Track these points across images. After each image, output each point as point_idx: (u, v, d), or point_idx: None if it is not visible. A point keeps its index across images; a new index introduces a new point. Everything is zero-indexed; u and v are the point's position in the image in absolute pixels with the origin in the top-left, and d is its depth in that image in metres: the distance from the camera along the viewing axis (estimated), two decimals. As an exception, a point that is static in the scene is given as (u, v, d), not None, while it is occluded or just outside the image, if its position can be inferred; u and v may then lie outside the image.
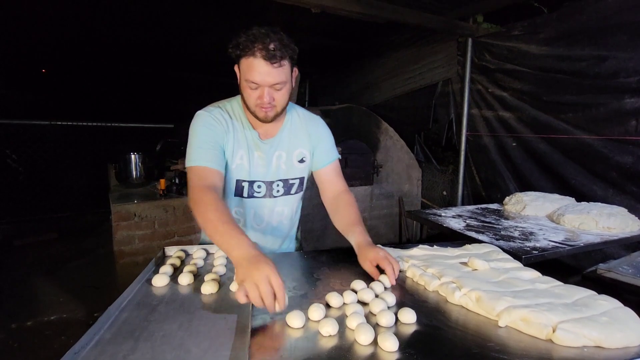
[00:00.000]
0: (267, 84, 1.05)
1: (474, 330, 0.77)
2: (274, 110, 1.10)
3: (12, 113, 4.50)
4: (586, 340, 0.70)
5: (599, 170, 2.35)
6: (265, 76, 1.03)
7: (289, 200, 1.30)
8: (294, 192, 1.30)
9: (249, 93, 1.08)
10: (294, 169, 1.27)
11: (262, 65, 1.01)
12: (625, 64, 2.17)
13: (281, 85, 1.07)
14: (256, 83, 1.04)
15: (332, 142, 1.34)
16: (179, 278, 0.96)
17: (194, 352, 0.68)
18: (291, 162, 1.26)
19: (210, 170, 1.10)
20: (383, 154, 3.96)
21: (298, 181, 1.30)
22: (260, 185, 1.24)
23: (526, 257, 1.28)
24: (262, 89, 1.06)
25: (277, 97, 1.08)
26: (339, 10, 2.56)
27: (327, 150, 1.31)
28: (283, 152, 1.25)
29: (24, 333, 2.38)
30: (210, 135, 1.14)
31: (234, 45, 1.04)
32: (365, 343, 0.70)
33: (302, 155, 1.28)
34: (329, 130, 1.35)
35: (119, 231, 2.61)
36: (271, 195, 1.26)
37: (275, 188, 1.26)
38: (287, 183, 1.27)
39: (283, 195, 1.28)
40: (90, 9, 3.11)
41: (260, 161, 1.22)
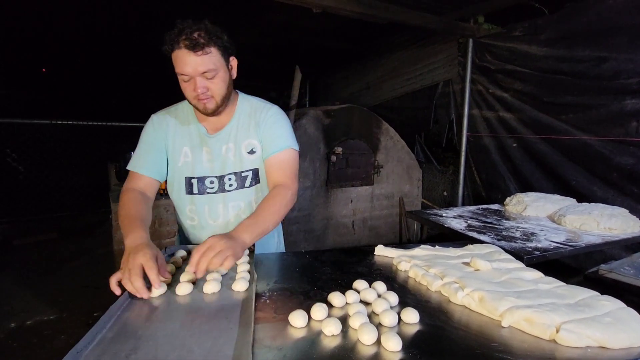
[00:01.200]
0: (197, 73, 1.05)
1: (477, 331, 0.76)
2: (213, 101, 1.11)
3: (12, 112, 4.50)
4: (589, 341, 0.70)
5: (600, 171, 2.35)
6: (192, 65, 1.04)
7: (244, 193, 1.25)
8: (249, 184, 1.25)
9: (185, 87, 1.10)
10: (245, 161, 1.23)
11: (187, 55, 1.03)
12: (626, 65, 2.17)
13: (212, 73, 1.07)
14: (186, 74, 1.06)
15: (284, 131, 1.23)
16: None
17: (197, 351, 0.67)
18: (240, 154, 1.23)
19: (136, 174, 1.20)
20: (383, 154, 3.96)
21: (251, 173, 1.24)
22: (213, 181, 1.23)
23: (528, 257, 1.28)
24: (194, 80, 1.07)
25: (212, 87, 1.09)
26: (340, 11, 2.56)
27: (273, 140, 1.21)
28: (231, 144, 1.22)
29: (24, 332, 2.38)
30: (149, 140, 1.22)
31: (163, 42, 1.06)
32: (368, 343, 0.70)
33: (251, 146, 1.23)
34: (283, 117, 1.26)
35: (119, 230, 2.59)
36: (224, 189, 1.23)
37: (227, 182, 1.23)
38: (239, 176, 1.24)
39: (237, 189, 1.24)
40: (90, 8, 3.11)
41: (208, 156, 1.22)
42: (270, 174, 1.21)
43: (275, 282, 1.00)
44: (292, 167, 1.22)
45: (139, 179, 1.20)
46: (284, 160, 1.21)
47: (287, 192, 1.15)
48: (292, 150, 1.23)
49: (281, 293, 0.93)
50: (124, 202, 1.12)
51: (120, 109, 5.54)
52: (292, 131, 1.27)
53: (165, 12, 3.22)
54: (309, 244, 3.51)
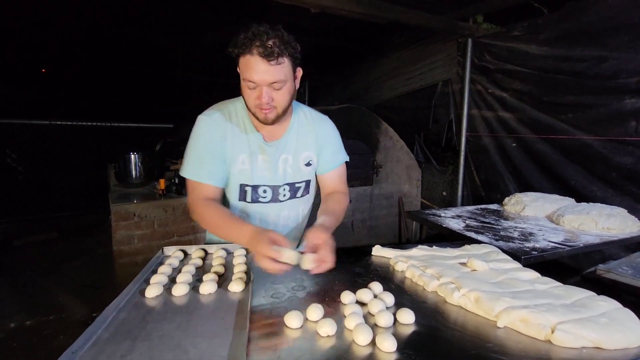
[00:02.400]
0: (265, 83, 1.01)
1: (473, 331, 0.76)
2: (274, 111, 1.07)
3: (12, 113, 4.51)
4: (585, 341, 0.70)
5: (599, 171, 2.34)
6: (263, 74, 0.99)
7: (295, 203, 1.28)
8: (300, 195, 1.28)
9: (248, 93, 1.05)
10: (301, 173, 1.25)
11: (259, 62, 0.98)
12: (626, 64, 2.17)
13: (280, 84, 1.02)
14: (254, 82, 1.01)
15: (340, 144, 1.32)
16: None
17: (192, 352, 0.67)
18: (298, 166, 1.23)
19: (203, 185, 1.15)
20: (383, 154, 3.96)
21: (304, 184, 1.27)
22: (266, 190, 1.21)
23: (525, 257, 1.28)
24: (260, 89, 1.02)
25: (277, 97, 1.04)
26: (339, 11, 2.56)
27: (333, 154, 1.29)
28: (289, 155, 1.22)
29: (24, 333, 2.38)
30: (206, 144, 1.14)
31: (232, 44, 1.01)
32: (363, 343, 0.70)
33: (308, 159, 1.25)
34: (337, 131, 1.33)
35: (118, 231, 2.61)
36: (277, 199, 1.23)
37: (281, 192, 1.23)
38: (293, 187, 1.25)
39: (289, 199, 1.25)
40: (91, 8, 3.11)
41: (265, 165, 1.19)
42: (330, 183, 1.32)
43: (271, 282, 1.00)
44: (345, 177, 1.37)
45: (205, 189, 1.14)
46: (342, 172, 1.34)
47: (347, 198, 1.32)
48: (345, 163, 1.36)
49: (277, 293, 0.93)
50: (207, 210, 1.11)
51: (120, 109, 5.54)
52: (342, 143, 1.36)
53: (166, 12, 3.22)
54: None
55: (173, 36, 3.93)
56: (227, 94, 1.31)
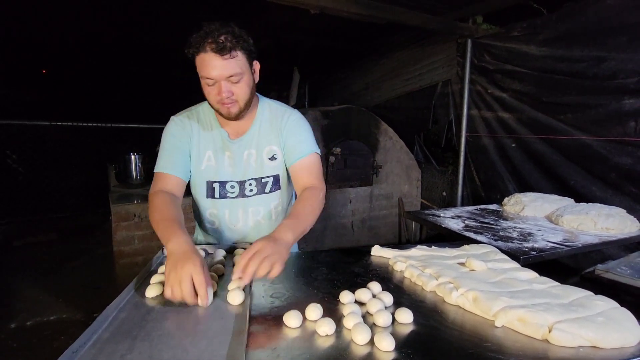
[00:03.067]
0: (222, 78, 1.04)
1: (471, 330, 0.77)
2: (236, 105, 1.10)
3: (12, 113, 4.50)
4: (582, 341, 0.70)
5: (598, 171, 2.35)
6: (219, 69, 1.02)
7: (265, 199, 1.27)
8: (269, 190, 1.27)
9: (208, 90, 1.08)
10: (266, 167, 1.25)
11: (213, 58, 1.01)
12: (625, 65, 2.17)
13: (237, 78, 1.05)
14: (211, 78, 1.04)
15: (307, 135, 1.26)
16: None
17: (192, 351, 0.68)
18: (262, 160, 1.24)
19: (165, 175, 1.17)
20: (382, 154, 3.96)
21: (272, 179, 1.26)
22: (234, 186, 1.24)
23: (524, 257, 1.28)
24: (218, 84, 1.05)
25: (236, 91, 1.08)
26: (338, 11, 2.57)
27: (296, 145, 1.23)
28: (253, 150, 1.23)
29: (24, 333, 2.38)
30: (173, 141, 1.20)
31: (187, 45, 1.04)
32: (361, 343, 0.70)
33: (272, 152, 1.25)
34: (304, 122, 1.28)
35: (118, 231, 2.61)
36: (244, 194, 1.25)
37: (247, 187, 1.25)
38: (259, 182, 1.25)
39: (257, 194, 1.26)
40: (91, 9, 3.12)
41: (230, 161, 1.22)
42: (299, 178, 1.22)
43: (271, 282, 1.00)
44: (318, 170, 1.24)
45: (167, 180, 1.17)
46: (310, 164, 1.22)
47: (319, 192, 1.17)
48: (315, 155, 1.25)
49: (276, 293, 0.93)
50: (156, 205, 1.09)
51: (120, 110, 5.55)
52: (313, 135, 1.29)
53: (165, 13, 3.23)
54: (307, 245, 3.52)
55: (173, 36, 3.93)
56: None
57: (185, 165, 1.21)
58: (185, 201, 1.18)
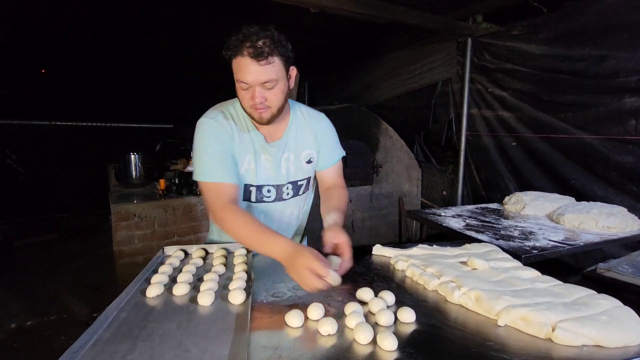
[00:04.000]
0: (257, 83, 1.02)
1: (473, 330, 0.77)
2: (269, 111, 1.07)
3: (12, 113, 4.50)
4: (585, 340, 0.70)
5: (599, 169, 2.35)
6: (254, 74, 1.00)
7: (298, 201, 1.30)
8: (302, 192, 1.30)
9: (242, 94, 1.07)
10: (302, 170, 1.27)
11: (250, 63, 0.99)
12: (625, 63, 2.17)
13: (272, 84, 1.03)
14: (246, 83, 1.02)
15: (337, 140, 1.34)
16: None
17: (193, 351, 0.68)
18: (300, 164, 1.25)
19: (225, 185, 1.09)
20: (383, 153, 3.96)
21: (305, 181, 1.30)
22: (270, 190, 1.23)
23: (526, 256, 1.28)
24: (253, 89, 1.03)
25: (270, 97, 1.05)
26: (338, 10, 2.56)
27: (332, 150, 1.31)
28: (291, 154, 1.23)
29: (24, 333, 2.38)
30: (218, 145, 1.12)
31: (225, 47, 1.03)
32: (364, 342, 0.70)
33: (309, 156, 1.27)
34: (333, 127, 1.34)
35: (118, 231, 2.60)
36: (281, 198, 1.25)
37: (285, 191, 1.25)
38: (295, 185, 1.27)
39: (292, 197, 1.27)
40: (90, 9, 3.11)
41: (269, 164, 1.20)
42: (329, 178, 1.33)
43: (272, 281, 1.00)
44: (342, 171, 1.38)
45: (230, 190, 1.10)
46: (340, 168, 1.35)
47: (347, 192, 1.33)
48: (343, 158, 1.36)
49: (278, 293, 0.93)
50: (235, 219, 1.04)
51: (120, 109, 5.54)
52: None
53: (166, 13, 3.23)
54: (308, 244, 3.51)
55: (173, 36, 3.93)
56: (227, 93, 1.30)
57: (237, 170, 1.16)
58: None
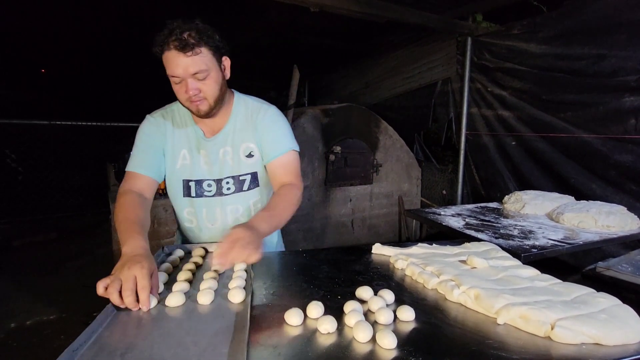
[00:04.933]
0: (187, 75, 1.02)
1: (473, 328, 0.77)
2: (205, 102, 1.08)
3: (11, 113, 4.50)
4: (584, 338, 0.70)
5: (598, 168, 2.35)
6: (183, 66, 1.01)
7: (242, 197, 1.25)
8: (247, 188, 1.24)
9: (177, 89, 1.07)
10: (243, 165, 1.22)
11: (177, 56, 1.00)
12: (625, 62, 2.17)
13: (203, 74, 1.04)
14: (177, 76, 1.03)
15: (284, 132, 1.23)
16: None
17: (192, 350, 0.68)
18: (238, 158, 1.22)
19: (137, 175, 1.16)
20: (382, 153, 3.96)
21: (250, 177, 1.24)
22: (211, 184, 1.22)
23: (525, 255, 1.28)
24: (185, 82, 1.04)
25: (203, 88, 1.06)
26: (337, 10, 2.56)
27: (274, 142, 1.21)
28: (229, 147, 1.21)
29: (24, 333, 2.38)
30: (146, 140, 1.19)
31: (153, 43, 1.03)
32: (363, 340, 0.70)
33: (249, 150, 1.22)
34: (282, 118, 1.25)
35: (118, 231, 2.61)
36: (221, 193, 1.23)
37: (225, 186, 1.22)
38: (237, 179, 1.23)
39: (235, 192, 1.23)
40: (91, 9, 3.11)
41: (205, 159, 1.20)
42: (276, 176, 1.21)
43: (272, 280, 1.00)
44: (296, 168, 1.23)
45: (137, 179, 1.15)
46: (287, 162, 1.21)
47: (296, 190, 1.17)
48: (293, 152, 1.23)
49: (277, 291, 0.93)
50: (121, 204, 1.07)
51: (119, 109, 5.53)
52: (291, 131, 1.26)
53: (165, 13, 3.22)
54: (308, 243, 3.51)
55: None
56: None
57: (158, 165, 1.20)
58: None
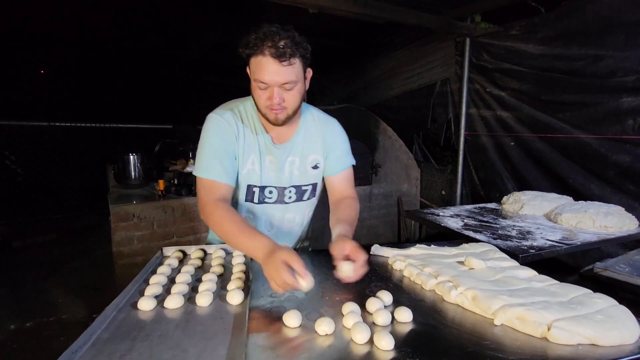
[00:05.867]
0: (277, 84, 1.00)
1: (470, 329, 0.77)
2: (285, 112, 1.06)
3: (10, 114, 4.50)
4: (581, 338, 0.71)
5: (597, 169, 2.35)
6: (274, 75, 0.99)
7: (301, 206, 1.27)
8: (307, 198, 1.27)
9: (259, 94, 1.04)
10: (307, 175, 1.24)
11: (271, 63, 0.98)
12: (622, 63, 2.17)
13: (291, 85, 1.02)
14: (265, 83, 1.00)
15: (347, 147, 1.30)
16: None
17: (191, 351, 0.68)
18: (304, 168, 1.23)
19: (218, 184, 1.09)
20: (382, 153, 3.96)
21: (311, 187, 1.27)
22: (272, 191, 1.21)
23: (523, 256, 1.29)
24: (271, 89, 1.02)
25: (288, 98, 1.04)
26: (336, 11, 2.57)
27: (340, 157, 1.27)
28: (296, 157, 1.21)
29: (23, 334, 2.38)
30: (221, 143, 1.12)
31: (243, 44, 1.00)
32: (361, 342, 0.70)
33: (316, 162, 1.24)
34: (345, 134, 1.31)
35: (117, 232, 2.60)
36: (283, 201, 1.23)
37: (287, 194, 1.23)
38: (299, 189, 1.24)
39: (295, 201, 1.25)
40: (90, 9, 3.12)
41: (272, 166, 1.19)
42: (339, 189, 1.27)
43: (270, 282, 1.00)
44: (353, 181, 1.32)
45: (221, 188, 1.10)
46: (349, 176, 1.29)
47: (357, 203, 1.25)
48: (352, 166, 1.31)
49: (275, 293, 0.93)
50: (222, 216, 1.03)
51: (119, 110, 5.54)
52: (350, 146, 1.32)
53: (165, 13, 3.23)
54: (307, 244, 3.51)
55: (172, 36, 3.93)
56: (226, 93, 1.31)
57: (235, 172, 1.16)
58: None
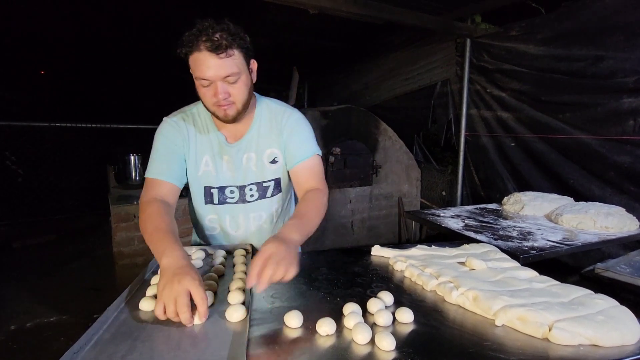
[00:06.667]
0: (218, 78, 0.98)
1: (471, 330, 0.77)
2: (234, 107, 1.04)
3: (11, 114, 4.51)
4: (582, 339, 0.71)
5: (597, 169, 2.35)
6: (214, 69, 0.96)
7: (266, 203, 1.23)
8: (270, 194, 1.22)
9: (204, 92, 1.02)
10: (266, 171, 1.20)
11: (209, 57, 0.95)
12: (623, 64, 2.18)
13: (234, 78, 0.99)
14: (207, 79, 0.98)
15: (307, 135, 1.21)
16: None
17: (192, 352, 0.68)
18: (262, 164, 1.19)
19: (158, 182, 1.10)
20: (382, 154, 3.96)
21: (273, 183, 1.21)
22: (233, 191, 1.19)
23: (524, 256, 1.29)
24: (214, 85, 0.99)
25: (233, 92, 1.02)
26: (336, 11, 2.57)
27: (299, 147, 1.18)
28: (252, 153, 1.18)
29: (24, 335, 2.38)
30: (167, 145, 1.13)
31: (179, 44, 0.98)
32: (362, 342, 0.70)
33: (273, 156, 1.19)
34: (305, 122, 1.23)
35: (118, 232, 2.61)
36: (245, 200, 1.20)
37: (248, 193, 1.20)
38: (261, 186, 1.20)
39: (258, 199, 1.21)
40: (90, 9, 3.12)
41: (229, 165, 1.17)
42: (301, 181, 1.17)
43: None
44: (320, 172, 1.20)
45: (160, 186, 1.10)
46: (312, 166, 1.18)
47: (323, 195, 1.13)
48: (317, 156, 1.21)
49: (277, 293, 0.93)
50: (149, 215, 1.01)
51: (119, 110, 5.55)
52: (314, 135, 1.24)
53: (164, 13, 3.23)
54: (307, 245, 3.49)
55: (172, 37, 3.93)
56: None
57: (180, 171, 1.15)
58: (183, 202, 1.16)
